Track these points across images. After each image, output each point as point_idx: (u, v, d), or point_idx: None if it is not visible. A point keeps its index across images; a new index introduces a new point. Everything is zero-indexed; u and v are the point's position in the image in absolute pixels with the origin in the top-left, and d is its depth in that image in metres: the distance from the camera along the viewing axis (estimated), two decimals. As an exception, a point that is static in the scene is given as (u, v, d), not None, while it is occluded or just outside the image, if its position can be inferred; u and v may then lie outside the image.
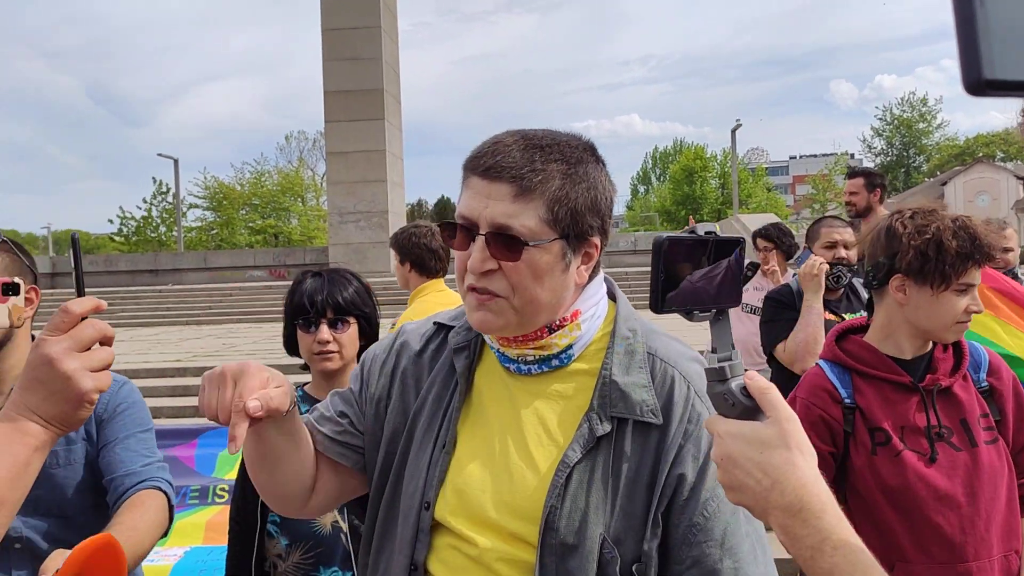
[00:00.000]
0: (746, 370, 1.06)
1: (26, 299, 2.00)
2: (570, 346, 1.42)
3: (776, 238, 6.05)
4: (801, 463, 1.00)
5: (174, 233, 41.05)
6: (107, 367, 1.17)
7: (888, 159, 56.22)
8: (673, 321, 1.22)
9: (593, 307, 1.45)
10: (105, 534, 1.52)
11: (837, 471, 2.13)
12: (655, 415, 1.35)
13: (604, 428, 1.35)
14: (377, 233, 24.26)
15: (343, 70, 24.43)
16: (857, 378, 2.18)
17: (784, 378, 3.90)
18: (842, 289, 4.04)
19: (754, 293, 6.15)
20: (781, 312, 3.91)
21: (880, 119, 57.47)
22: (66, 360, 1.12)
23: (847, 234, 4.02)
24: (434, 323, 1.58)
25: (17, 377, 1.98)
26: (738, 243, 1.10)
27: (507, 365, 1.45)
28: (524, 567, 1.35)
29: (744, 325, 5.98)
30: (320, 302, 2.41)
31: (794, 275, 4.25)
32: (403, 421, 1.51)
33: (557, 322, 1.40)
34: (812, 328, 3.66)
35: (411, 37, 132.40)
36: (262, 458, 1.46)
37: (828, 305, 3.96)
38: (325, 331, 2.40)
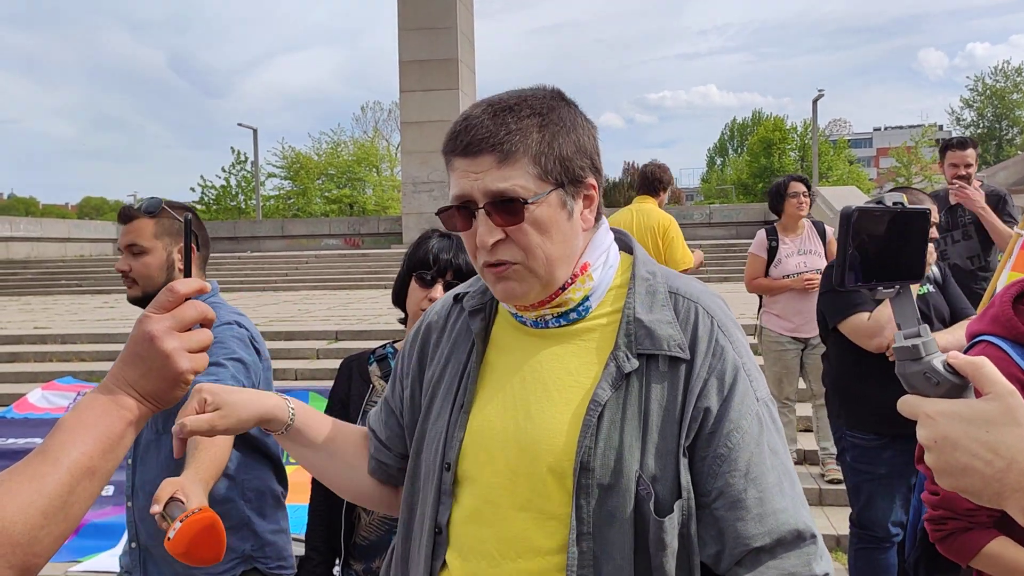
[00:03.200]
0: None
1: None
2: (586, 298, 1.43)
3: (809, 184, 6.02)
4: None
5: (253, 201, 41.94)
6: (205, 349, 1.18)
7: (978, 131, 53.88)
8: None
9: (602, 255, 1.46)
10: (210, 514, 1.68)
11: None
12: (682, 349, 1.36)
13: (632, 364, 1.35)
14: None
15: (418, 39, 24.49)
16: None
17: (846, 357, 3.72)
18: None
19: (798, 259, 6.00)
20: None
21: (971, 89, 55.04)
22: (166, 339, 1.13)
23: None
24: (453, 296, 1.61)
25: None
26: (925, 215, 1.04)
27: (523, 320, 1.47)
28: (557, 512, 1.35)
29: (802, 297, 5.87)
30: (444, 262, 2.39)
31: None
32: (428, 394, 1.54)
33: (568, 280, 1.41)
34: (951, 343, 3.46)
35: (485, 7, 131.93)
36: (302, 463, 1.63)
37: None
38: (440, 291, 2.37)
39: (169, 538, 1.62)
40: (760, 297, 6.32)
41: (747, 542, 1.30)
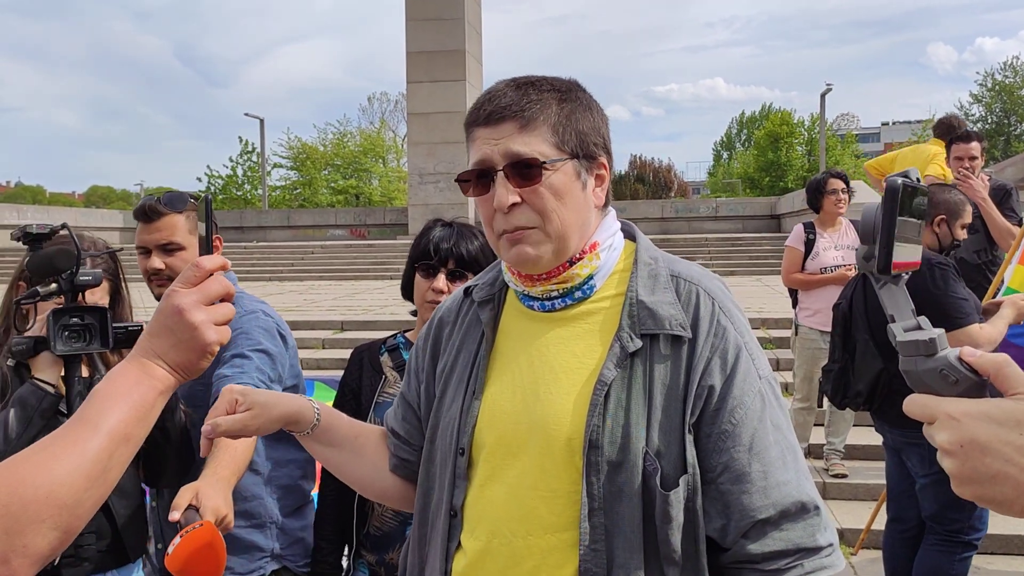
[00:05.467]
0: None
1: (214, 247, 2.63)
2: (591, 276, 1.47)
3: (848, 180, 6.04)
4: None
5: (259, 192, 41.95)
6: (228, 322, 1.23)
7: (987, 127, 53.57)
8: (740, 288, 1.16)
9: (610, 238, 1.51)
10: (209, 531, 1.66)
11: None
12: (684, 328, 1.39)
13: (636, 344, 1.39)
14: (456, 194, 24.33)
15: (425, 30, 24.45)
16: None
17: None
18: None
19: (835, 253, 5.97)
20: (959, 281, 3.62)
21: (980, 84, 54.71)
22: (194, 312, 1.18)
23: None
24: (463, 290, 1.65)
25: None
26: (924, 193, 0.97)
27: (531, 305, 1.51)
28: (566, 490, 1.39)
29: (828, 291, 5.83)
30: (445, 251, 2.40)
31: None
32: (441, 383, 1.58)
33: (577, 255, 1.46)
34: (999, 334, 3.59)
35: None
36: (326, 464, 1.66)
37: None
38: (442, 280, 2.39)
39: (168, 553, 1.63)
40: (795, 293, 6.29)
41: (752, 514, 1.34)
